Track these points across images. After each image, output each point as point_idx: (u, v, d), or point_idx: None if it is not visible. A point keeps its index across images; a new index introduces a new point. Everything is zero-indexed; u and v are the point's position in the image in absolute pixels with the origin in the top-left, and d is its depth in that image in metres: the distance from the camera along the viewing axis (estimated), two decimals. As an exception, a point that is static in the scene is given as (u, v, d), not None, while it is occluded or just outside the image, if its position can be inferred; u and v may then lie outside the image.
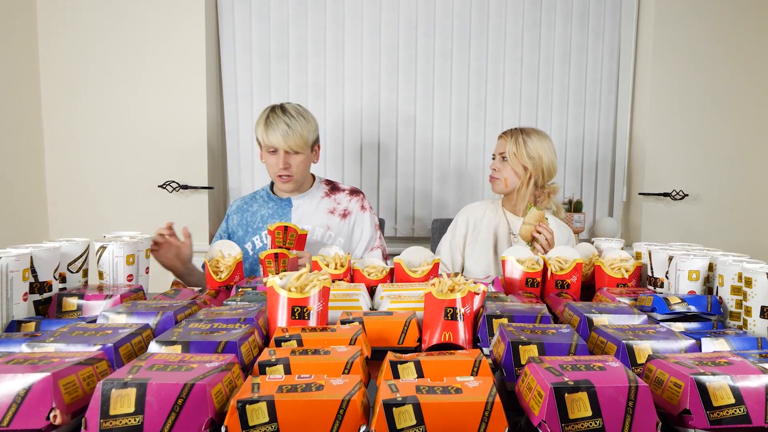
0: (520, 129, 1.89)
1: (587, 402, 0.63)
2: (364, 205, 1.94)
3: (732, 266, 1.12)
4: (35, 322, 1.00)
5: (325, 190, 1.94)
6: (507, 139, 1.88)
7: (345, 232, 1.89)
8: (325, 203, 1.91)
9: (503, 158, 1.88)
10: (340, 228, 1.88)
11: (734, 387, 0.67)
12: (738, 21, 2.70)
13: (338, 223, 1.89)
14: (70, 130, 2.50)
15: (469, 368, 0.75)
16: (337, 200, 1.92)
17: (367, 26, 2.62)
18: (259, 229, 1.88)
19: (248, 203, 1.94)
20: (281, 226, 1.48)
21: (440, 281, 1.03)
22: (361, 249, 1.90)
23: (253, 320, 0.93)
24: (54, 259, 1.15)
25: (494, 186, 1.93)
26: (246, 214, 1.91)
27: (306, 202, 1.90)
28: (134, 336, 0.86)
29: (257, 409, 0.60)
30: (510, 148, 1.85)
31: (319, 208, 1.89)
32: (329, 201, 1.91)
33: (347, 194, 1.94)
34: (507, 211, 1.96)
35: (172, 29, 2.48)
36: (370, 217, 1.93)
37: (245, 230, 1.89)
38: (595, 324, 0.99)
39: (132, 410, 0.61)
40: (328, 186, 1.96)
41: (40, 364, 0.68)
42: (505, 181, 1.88)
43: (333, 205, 1.91)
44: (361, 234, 1.91)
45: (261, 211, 1.90)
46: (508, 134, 1.89)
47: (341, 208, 1.90)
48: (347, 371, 0.74)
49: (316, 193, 1.92)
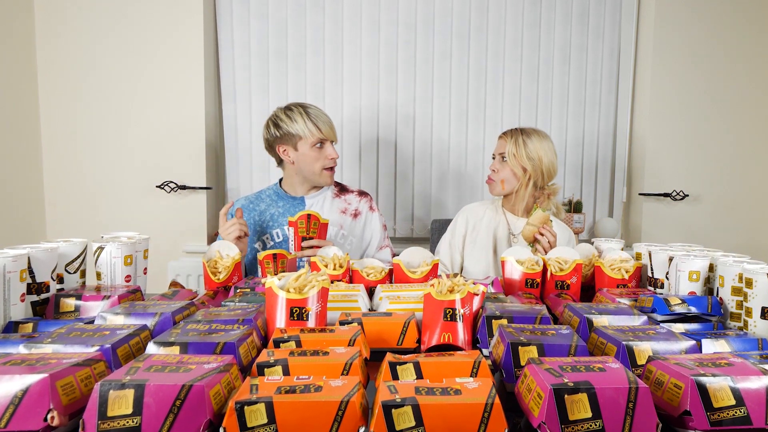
0: (520, 129, 1.88)
1: (587, 403, 0.63)
2: (372, 206, 1.99)
3: (732, 267, 1.11)
4: (33, 323, 1.00)
5: (334, 190, 1.97)
6: (507, 139, 1.87)
7: (357, 232, 1.94)
8: (337, 203, 1.94)
9: (503, 158, 1.87)
10: (352, 228, 1.93)
11: (735, 388, 0.67)
12: (739, 21, 2.70)
13: (350, 223, 1.93)
14: (67, 131, 2.50)
15: (469, 369, 0.75)
16: (347, 201, 1.96)
17: (366, 26, 2.62)
18: (269, 228, 1.87)
19: (254, 203, 1.93)
20: (304, 215, 1.53)
21: (439, 282, 1.03)
22: (373, 248, 1.96)
23: (251, 321, 0.93)
24: (51, 260, 1.14)
25: (491, 188, 1.93)
26: (253, 214, 1.90)
27: (319, 201, 1.92)
28: (132, 337, 0.86)
29: (256, 411, 0.60)
30: (509, 148, 1.84)
31: (333, 208, 1.93)
32: (340, 201, 1.95)
33: (356, 195, 1.99)
34: (507, 212, 1.96)
35: (170, 29, 2.47)
36: (379, 218, 1.98)
37: (252, 230, 1.88)
38: (595, 325, 0.99)
39: (130, 411, 0.61)
40: (337, 187, 1.99)
41: (38, 365, 0.68)
42: (502, 183, 1.88)
43: (344, 205, 1.95)
44: (371, 234, 1.96)
45: (270, 209, 1.90)
46: (508, 134, 1.88)
47: (352, 209, 1.95)
48: (346, 372, 0.74)
49: (327, 193, 1.95)
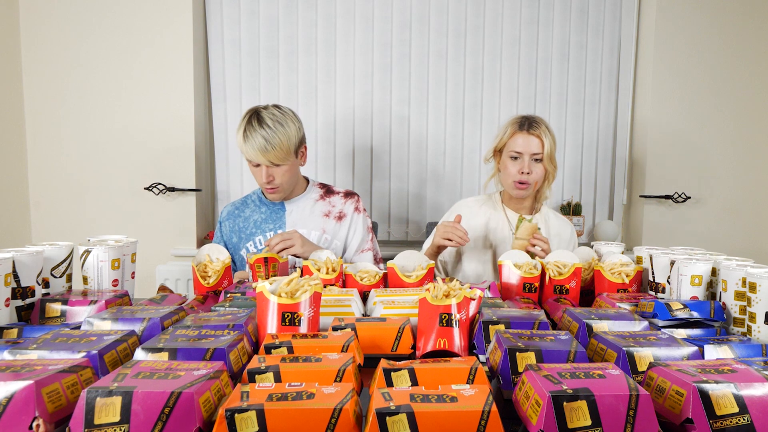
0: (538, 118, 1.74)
1: (587, 411, 0.63)
2: (358, 207, 1.92)
3: (736, 271, 1.10)
4: (17, 329, 0.99)
5: (319, 193, 1.92)
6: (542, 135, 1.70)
7: (341, 235, 1.88)
8: (320, 206, 1.89)
9: (536, 159, 1.73)
10: (336, 231, 1.87)
11: (738, 395, 0.66)
12: (743, 16, 2.67)
13: (334, 226, 1.87)
14: (53, 131, 2.47)
15: (465, 376, 0.74)
16: (332, 203, 1.90)
17: (359, 24, 2.60)
18: (252, 235, 1.85)
19: (239, 208, 1.92)
20: (261, 258, 1.41)
21: (435, 286, 1.02)
22: (352, 250, 1.88)
23: (242, 327, 0.92)
24: (37, 264, 1.13)
25: (524, 192, 1.77)
26: (238, 220, 1.89)
27: (300, 206, 1.88)
28: (120, 343, 0.85)
29: (246, 419, 0.60)
30: (549, 147, 1.70)
31: (314, 212, 1.87)
32: (324, 204, 1.89)
33: (342, 197, 1.92)
34: (508, 209, 1.86)
35: (158, 27, 2.45)
36: (363, 219, 1.91)
37: (239, 236, 1.87)
38: (595, 330, 0.98)
39: (117, 419, 0.61)
40: (322, 189, 1.93)
41: (23, 372, 0.67)
42: (535, 185, 1.76)
43: (328, 208, 1.89)
44: (353, 235, 1.89)
45: (254, 216, 1.88)
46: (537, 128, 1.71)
47: (336, 211, 1.88)
48: (339, 379, 0.73)
49: (310, 197, 1.90)
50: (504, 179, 1.82)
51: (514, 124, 1.77)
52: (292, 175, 1.79)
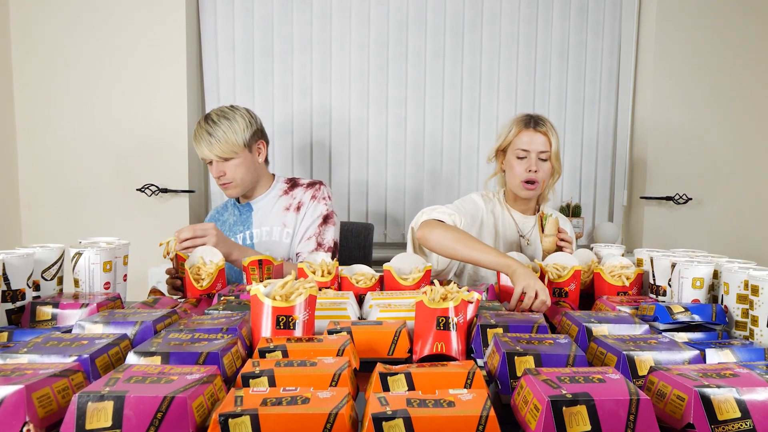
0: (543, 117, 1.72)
1: (586, 416, 0.62)
2: (315, 195, 1.84)
3: (738, 273, 1.10)
4: (8, 332, 0.98)
5: (284, 188, 1.87)
6: (548, 132, 1.68)
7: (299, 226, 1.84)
8: (282, 201, 1.85)
9: (542, 159, 1.69)
10: (296, 223, 1.82)
11: (740, 400, 0.66)
12: (744, 16, 2.66)
13: (293, 219, 1.82)
14: (44, 131, 2.45)
15: (463, 380, 0.74)
16: (293, 195, 1.85)
17: (355, 22, 2.59)
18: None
19: (220, 212, 1.93)
20: (255, 261, 1.38)
21: (432, 289, 1.02)
22: (297, 239, 1.80)
23: (235, 330, 0.91)
24: (27, 266, 1.12)
25: (533, 191, 1.72)
26: (218, 224, 1.90)
27: (264, 204, 1.85)
28: (111, 347, 0.85)
29: (240, 424, 0.59)
30: (556, 145, 1.70)
31: (275, 207, 1.84)
32: (286, 198, 1.85)
33: (305, 188, 1.86)
34: (513, 210, 1.82)
35: (151, 25, 2.43)
36: (315, 206, 1.81)
37: None
38: (595, 334, 0.98)
39: (109, 424, 0.60)
40: (288, 183, 1.89)
41: (13, 376, 0.67)
42: (543, 184, 1.73)
43: (289, 201, 1.85)
44: (301, 223, 1.81)
45: (229, 219, 1.89)
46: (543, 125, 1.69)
47: (296, 203, 1.84)
48: (335, 383, 0.73)
49: (273, 193, 1.87)
50: (510, 180, 1.77)
51: (520, 122, 1.74)
52: (246, 170, 1.76)
